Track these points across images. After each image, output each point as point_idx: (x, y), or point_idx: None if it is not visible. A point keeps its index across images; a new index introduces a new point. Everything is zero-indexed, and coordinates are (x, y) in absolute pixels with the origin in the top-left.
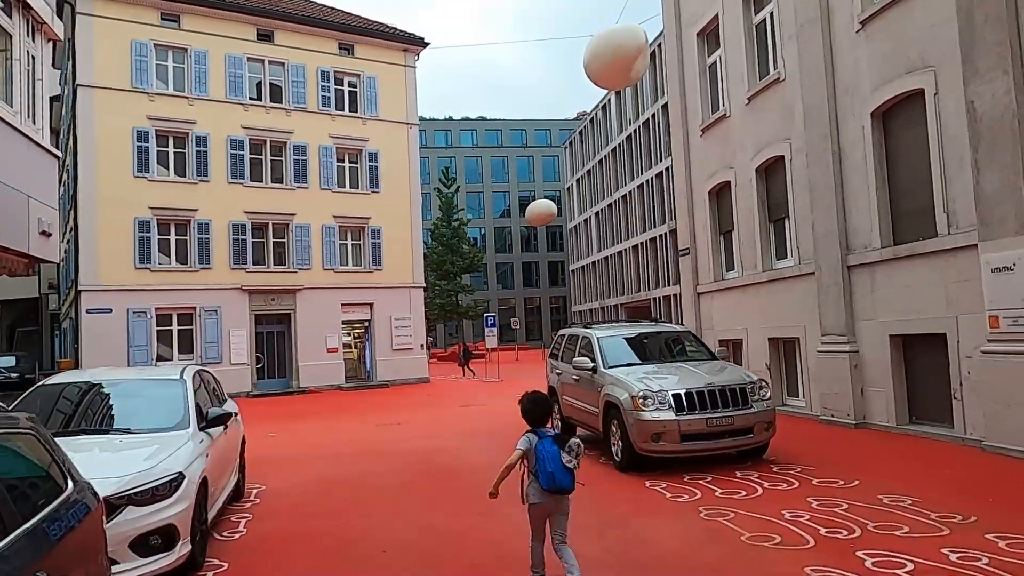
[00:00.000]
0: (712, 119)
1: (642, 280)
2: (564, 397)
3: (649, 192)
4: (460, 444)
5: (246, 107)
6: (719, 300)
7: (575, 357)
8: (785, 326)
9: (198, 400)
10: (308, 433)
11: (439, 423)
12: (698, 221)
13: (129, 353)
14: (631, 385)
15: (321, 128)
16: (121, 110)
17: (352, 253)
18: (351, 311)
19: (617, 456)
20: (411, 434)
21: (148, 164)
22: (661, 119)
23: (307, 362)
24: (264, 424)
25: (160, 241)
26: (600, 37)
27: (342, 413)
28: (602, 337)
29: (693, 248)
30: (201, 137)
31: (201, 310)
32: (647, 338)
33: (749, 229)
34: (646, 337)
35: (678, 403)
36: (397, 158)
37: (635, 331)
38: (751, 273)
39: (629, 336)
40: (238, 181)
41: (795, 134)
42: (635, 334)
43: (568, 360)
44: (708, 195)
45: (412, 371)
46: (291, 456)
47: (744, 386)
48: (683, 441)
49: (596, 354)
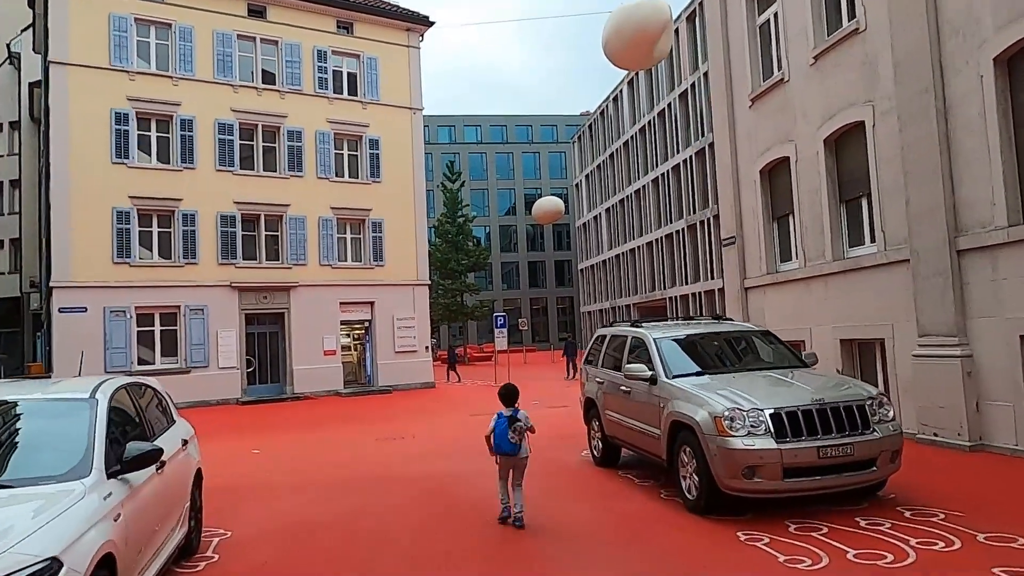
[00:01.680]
0: (765, 86)
1: (657, 278)
2: (608, 413)
3: (665, 186)
4: (477, 467)
5: (236, 88)
6: (773, 296)
7: (626, 363)
8: (864, 325)
9: (118, 431)
10: (298, 450)
11: (448, 437)
12: (746, 205)
13: (106, 356)
14: (712, 401)
15: (318, 112)
16: (98, 90)
17: (351, 248)
18: (350, 310)
19: (689, 493)
20: (417, 452)
21: (127, 149)
22: (678, 108)
23: (302, 366)
24: (250, 437)
25: (141, 234)
26: (620, 12)
27: (339, 424)
28: (660, 338)
29: (740, 236)
30: (186, 120)
31: (186, 309)
32: (716, 339)
33: (814, 212)
34: (715, 338)
35: (778, 426)
36: (400, 146)
37: (699, 331)
38: (817, 263)
39: (694, 337)
40: (227, 169)
41: (880, 94)
42: (700, 334)
43: (611, 366)
44: (759, 175)
45: (416, 375)
46: (272, 484)
47: (861, 403)
48: (786, 477)
49: (655, 360)
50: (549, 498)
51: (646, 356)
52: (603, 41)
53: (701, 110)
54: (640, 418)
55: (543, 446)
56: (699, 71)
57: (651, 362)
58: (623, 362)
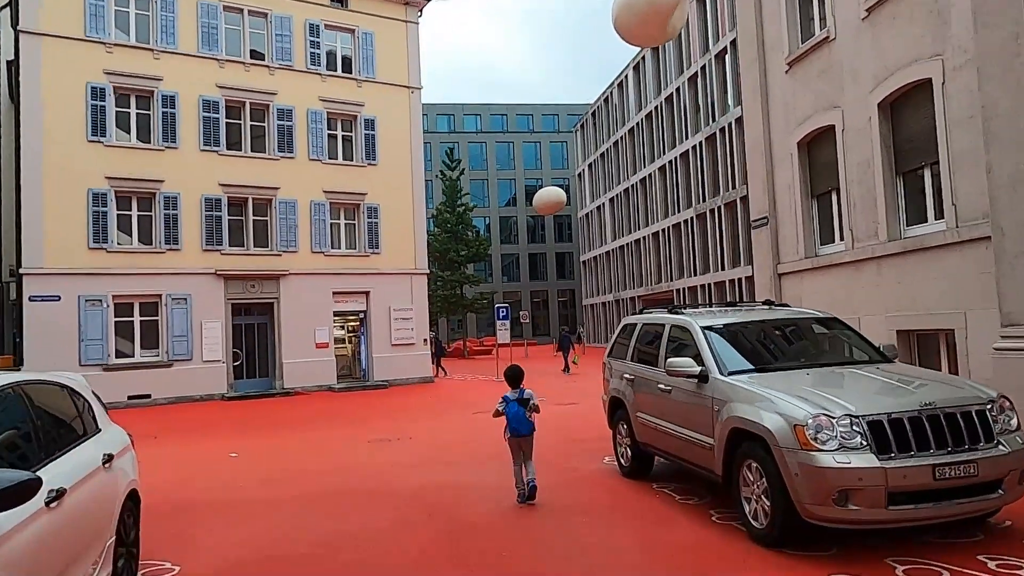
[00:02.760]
0: (804, 48)
1: (663, 270)
2: (640, 416)
3: (672, 174)
4: (482, 478)
5: (222, 63)
6: (812, 282)
7: (669, 357)
8: (927, 314)
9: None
10: (281, 453)
11: (448, 439)
12: (780, 182)
13: (81, 348)
14: (790, 405)
15: (309, 90)
16: (72, 63)
17: (345, 234)
18: (344, 301)
19: (756, 520)
20: (413, 457)
21: (105, 127)
22: (687, 92)
23: (293, 359)
24: (231, 437)
25: (119, 217)
26: None
27: (330, 423)
28: (710, 327)
29: (772, 217)
30: (168, 96)
31: (168, 298)
32: (776, 328)
33: (865, 186)
34: (774, 327)
35: (879, 438)
36: (397, 126)
37: (754, 318)
38: (868, 244)
39: (750, 326)
40: (212, 148)
41: (952, 45)
42: (757, 322)
43: (644, 360)
44: (797, 147)
45: (413, 370)
46: (243, 499)
47: (982, 407)
48: (891, 505)
49: (705, 353)
50: (576, 521)
51: (692, 348)
52: (613, 15)
53: (712, 93)
54: (685, 423)
55: (557, 452)
56: (710, 53)
57: (699, 356)
58: (660, 355)
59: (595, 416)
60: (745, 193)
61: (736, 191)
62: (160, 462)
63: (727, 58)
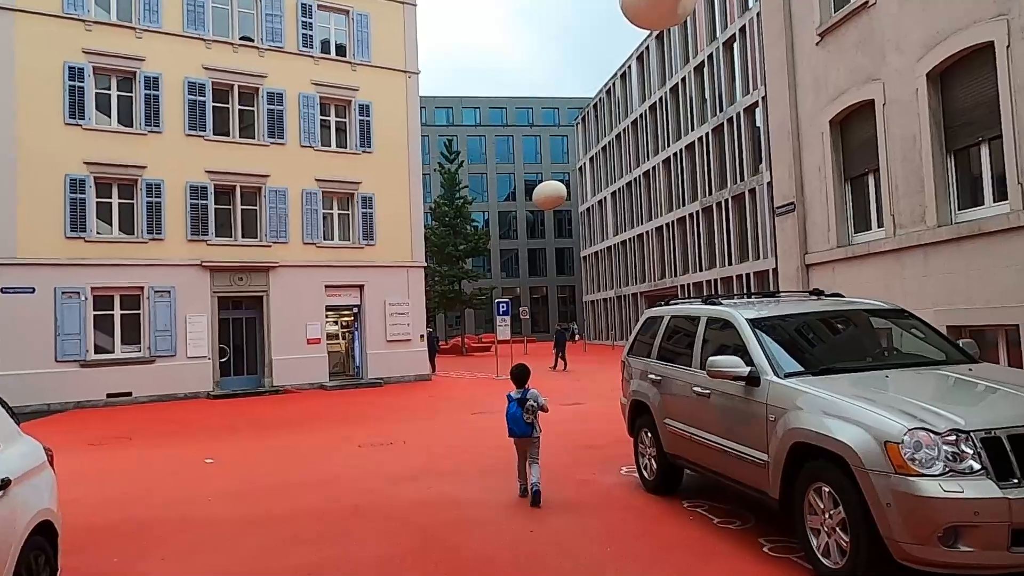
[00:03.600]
0: (839, 16)
1: (667, 265)
2: (669, 423)
3: (677, 167)
4: (484, 494)
5: (208, 44)
6: (846, 273)
7: (710, 355)
8: (986, 307)
9: None
10: (262, 460)
11: (447, 445)
12: (808, 164)
13: (57, 344)
14: (878, 416)
15: (301, 73)
16: (49, 41)
17: (338, 225)
18: (337, 294)
19: (827, 557)
20: (409, 466)
21: (83, 109)
22: (693, 82)
23: (282, 356)
24: (210, 440)
25: (99, 205)
26: None
27: (319, 424)
28: (758, 321)
29: (800, 203)
30: (151, 78)
31: (151, 291)
32: (837, 322)
33: (910, 166)
34: (834, 320)
35: (996, 459)
36: (393, 112)
37: (805, 309)
38: (913, 230)
39: (802, 319)
40: (198, 133)
41: (1019, 2)
42: (810, 314)
43: (673, 359)
44: (829, 126)
45: (410, 367)
46: (208, 518)
47: None
48: (1016, 546)
49: (754, 351)
50: (597, 554)
51: (737, 346)
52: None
53: (720, 83)
54: (729, 434)
55: (568, 461)
56: (717, 41)
57: (747, 354)
58: (695, 353)
59: (605, 418)
60: (754, 186)
61: (745, 183)
62: (125, 469)
63: (736, 46)
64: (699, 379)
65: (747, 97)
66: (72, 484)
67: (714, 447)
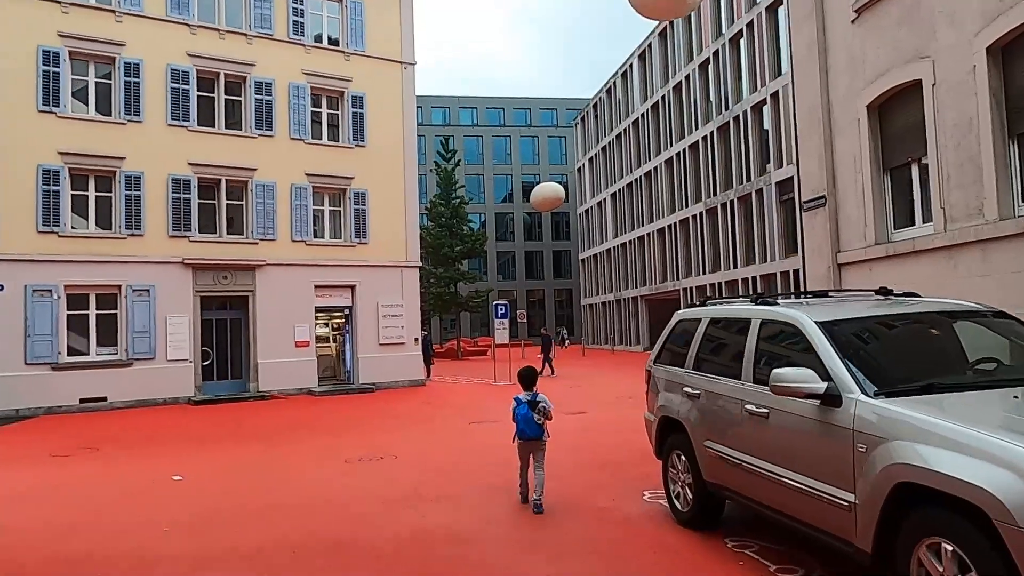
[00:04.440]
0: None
1: (669, 268)
2: (710, 446)
3: (680, 167)
4: (486, 524)
5: (193, 29)
6: (885, 272)
7: (777, 367)
8: None
9: None
10: (238, 475)
11: (442, 459)
12: (841, 154)
13: (27, 345)
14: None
15: (292, 62)
16: (21, 22)
17: (329, 222)
18: (327, 295)
19: None
20: (399, 485)
21: (58, 96)
22: (697, 80)
23: (269, 359)
24: (183, 453)
25: (74, 198)
26: None
27: (305, 433)
28: (831, 325)
29: (831, 196)
30: (132, 64)
31: (129, 290)
32: (926, 327)
33: (965, 153)
34: (922, 325)
35: None
36: (388, 105)
37: (884, 311)
38: (968, 225)
39: (885, 324)
40: (181, 124)
41: None
42: (894, 317)
43: (712, 369)
44: (866, 111)
45: (404, 372)
46: (157, 556)
47: None
48: None
49: (832, 363)
50: None
51: (802, 355)
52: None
53: (725, 80)
54: (796, 465)
55: (582, 483)
56: (723, 37)
57: (821, 365)
58: (746, 364)
59: (614, 428)
60: (761, 186)
61: (752, 183)
62: (82, 487)
63: (742, 42)
64: (753, 395)
65: (755, 95)
66: (16, 505)
67: (773, 479)
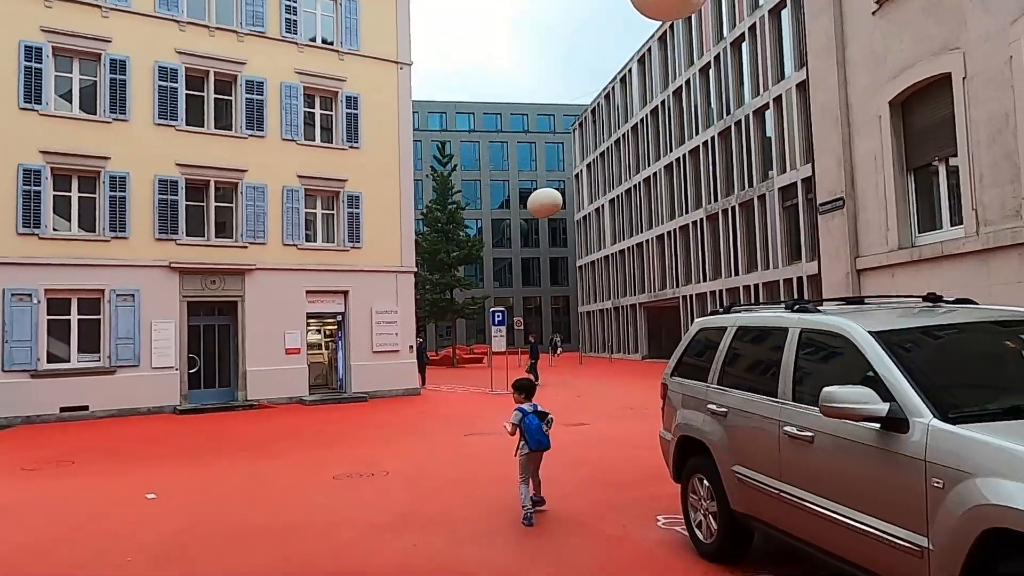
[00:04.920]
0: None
1: (668, 275)
2: (740, 471)
3: (680, 173)
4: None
5: (182, 25)
6: (910, 279)
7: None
8: None
9: None
10: (216, 493)
11: (437, 476)
12: (861, 153)
13: (5, 351)
14: None
15: (284, 60)
16: (2, 17)
17: (322, 225)
18: (319, 301)
19: None
20: (391, 508)
21: (41, 92)
22: (698, 84)
23: (258, 367)
24: (165, 465)
25: (56, 199)
26: None
27: (293, 446)
28: (889, 335)
29: (850, 198)
30: (118, 61)
31: (112, 294)
32: (1001, 337)
33: (1001, 150)
34: (994, 334)
35: None
36: (383, 106)
37: (949, 320)
38: (1005, 227)
39: (948, 335)
40: (168, 123)
41: None
42: (955, 327)
43: (743, 384)
44: (888, 108)
45: (398, 380)
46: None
47: None
48: None
49: (895, 381)
50: None
51: (857, 371)
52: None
53: (727, 85)
54: (849, 499)
55: (588, 505)
56: (725, 41)
57: (880, 383)
58: (784, 378)
59: (617, 443)
60: (763, 192)
61: (754, 189)
62: (46, 506)
63: (744, 46)
64: (793, 415)
65: (757, 99)
66: None
67: (818, 513)
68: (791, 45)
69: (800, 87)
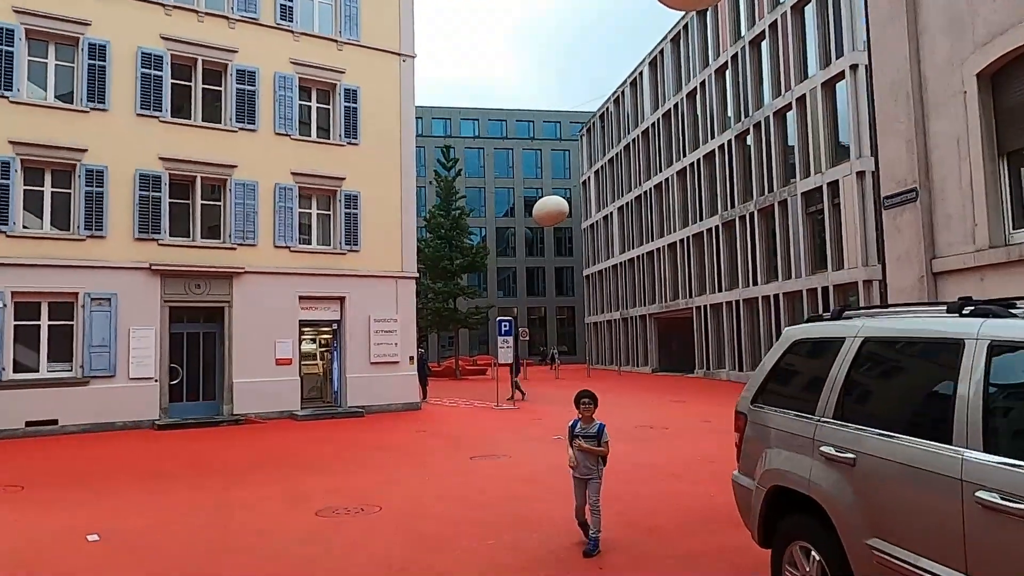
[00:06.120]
0: None
1: (681, 285)
2: (882, 548)
3: (694, 178)
4: None
5: (168, 10)
6: (1003, 282)
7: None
8: None
9: None
10: (176, 534)
11: (441, 515)
12: (939, 136)
13: None
14: None
15: (279, 50)
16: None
17: (318, 226)
18: (314, 307)
19: None
20: (383, 561)
21: (11, 78)
22: (714, 86)
23: (246, 378)
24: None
25: (27, 193)
26: None
27: (277, 469)
28: None
29: (925, 189)
30: (97, 46)
31: (87, 298)
32: None
33: None
34: None
35: None
36: (384, 100)
37: None
38: None
39: None
40: (152, 114)
41: None
42: None
43: (879, 424)
44: (976, 81)
45: (397, 394)
46: None
47: None
48: None
49: None
50: None
51: None
52: None
53: (745, 86)
54: None
55: (625, 560)
56: (743, 40)
57: None
58: (966, 415)
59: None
60: (785, 197)
61: (774, 195)
62: None
63: (764, 44)
64: (992, 475)
65: (778, 99)
66: None
67: None
68: (815, 42)
69: (826, 85)
